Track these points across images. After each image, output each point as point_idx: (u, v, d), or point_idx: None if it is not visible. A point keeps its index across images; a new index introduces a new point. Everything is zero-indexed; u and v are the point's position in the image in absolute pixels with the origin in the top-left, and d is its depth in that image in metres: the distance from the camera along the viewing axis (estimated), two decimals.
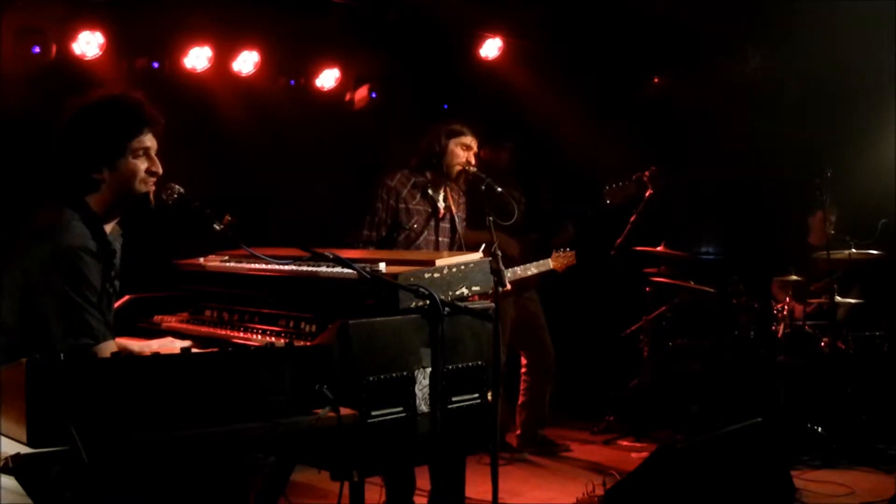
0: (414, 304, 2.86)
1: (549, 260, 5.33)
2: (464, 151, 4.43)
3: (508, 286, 4.83)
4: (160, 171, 2.78)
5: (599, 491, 4.22)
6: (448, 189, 4.53)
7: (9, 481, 2.02)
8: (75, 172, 2.70)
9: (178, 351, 2.33)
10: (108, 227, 2.76)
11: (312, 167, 6.46)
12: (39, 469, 1.98)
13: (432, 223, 4.44)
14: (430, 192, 4.46)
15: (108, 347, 2.59)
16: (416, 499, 4.25)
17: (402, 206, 4.38)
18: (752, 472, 3.89)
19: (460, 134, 4.45)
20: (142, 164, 2.74)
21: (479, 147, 4.58)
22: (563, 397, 6.48)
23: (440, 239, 4.46)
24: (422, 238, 4.40)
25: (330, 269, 3.02)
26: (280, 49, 6.25)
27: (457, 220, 4.53)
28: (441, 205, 4.49)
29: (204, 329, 3.28)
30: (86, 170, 2.69)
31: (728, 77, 7.39)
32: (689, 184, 7.69)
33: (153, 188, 2.78)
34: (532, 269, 5.22)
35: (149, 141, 2.76)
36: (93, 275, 2.59)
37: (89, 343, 2.55)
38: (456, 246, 4.50)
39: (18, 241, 2.62)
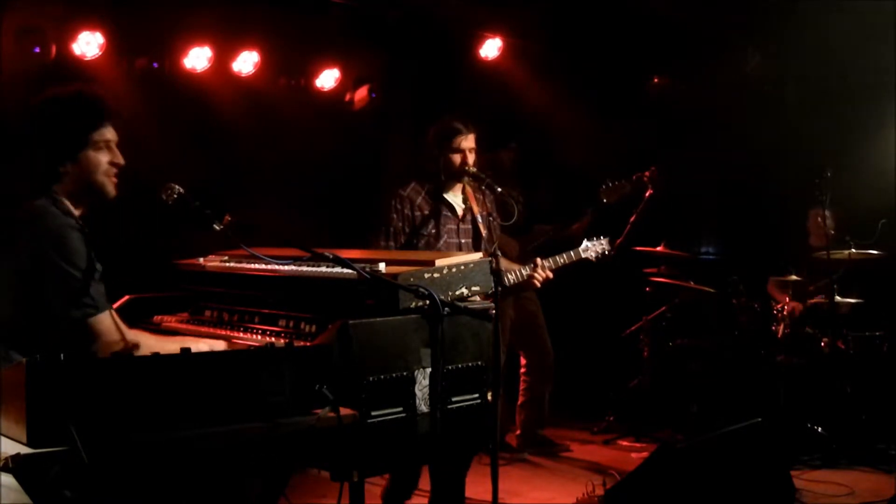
0: (414, 304, 2.86)
1: (580, 250, 5.03)
2: (458, 155, 4.35)
3: (544, 276, 4.70)
4: (122, 162, 2.86)
5: (599, 491, 4.21)
6: (468, 189, 4.46)
7: (9, 479, 2.02)
8: (43, 165, 2.79)
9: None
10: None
11: (312, 167, 6.46)
12: (39, 469, 1.98)
13: (451, 226, 4.37)
14: (444, 195, 4.40)
15: (107, 318, 2.64)
16: (417, 499, 4.25)
17: (418, 213, 4.33)
18: (752, 472, 3.89)
19: (455, 134, 4.35)
20: (104, 157, 2.83)
21: (478, 144, 4.44)
22: (563, 397, 6.47)
23: (462, 241, 4.39)
24: (442, 242, 4.33)
25: (330, 270, 3.02)
26: (280, 49, 6.24)
27: (479, 219, 4.43)
28: (460, 207, 4.44)
29: (204, 329, 3.27)
30: (51, 163, 2.78)
31: (728, 77, 7.38)
32: (689, 184, 7.68)
33: (115, 179, 2.86)
34: (561, 259, 4.87)
35: (109, 133, 2.84)
36: (82, 248, 2.67)
37: (92, 312, 2.61)
38: (483, 245, 4.39)
39: (3, 233, 2.71)
